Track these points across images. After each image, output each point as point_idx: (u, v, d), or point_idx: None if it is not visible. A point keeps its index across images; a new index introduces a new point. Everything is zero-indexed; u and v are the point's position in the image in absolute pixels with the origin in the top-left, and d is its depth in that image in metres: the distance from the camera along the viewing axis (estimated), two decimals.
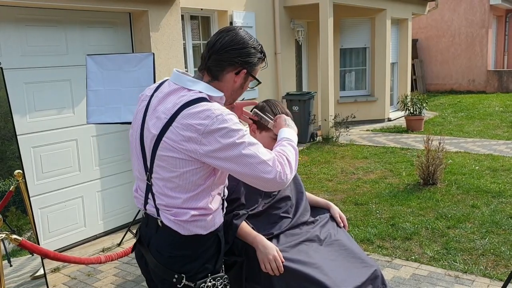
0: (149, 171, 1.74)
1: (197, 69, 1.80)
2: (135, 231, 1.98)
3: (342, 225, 2.42)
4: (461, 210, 4.97)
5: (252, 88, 1.88)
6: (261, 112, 2.16)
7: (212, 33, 7.57)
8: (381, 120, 11.05)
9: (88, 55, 4.14)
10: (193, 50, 7.22)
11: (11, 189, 3.29)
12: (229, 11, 7.57)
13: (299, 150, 8.22)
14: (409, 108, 9.82)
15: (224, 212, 1.95)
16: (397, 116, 11.45)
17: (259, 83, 1.86)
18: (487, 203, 5.15)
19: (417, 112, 9.74)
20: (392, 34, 11.50)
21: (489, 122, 10.34)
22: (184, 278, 1.73)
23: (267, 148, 1.78)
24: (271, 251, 1.98)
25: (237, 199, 2.15)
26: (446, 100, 14.35)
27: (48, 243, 4.38)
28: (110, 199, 4.95)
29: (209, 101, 1.66)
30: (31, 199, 3.79)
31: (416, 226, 4.60)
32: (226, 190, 1.95)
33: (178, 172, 1.66)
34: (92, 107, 4.13)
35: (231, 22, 7.58)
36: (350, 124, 9.39)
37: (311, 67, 10.60)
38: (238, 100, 2.03)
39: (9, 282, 3.23)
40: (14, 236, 2.82)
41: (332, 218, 2.42)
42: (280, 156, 1.71)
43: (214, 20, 7.58)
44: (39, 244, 3.51)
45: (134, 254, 2.01)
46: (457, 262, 3.83)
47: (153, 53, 4.16)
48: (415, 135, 9.31)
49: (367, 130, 10.19)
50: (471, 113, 11.63)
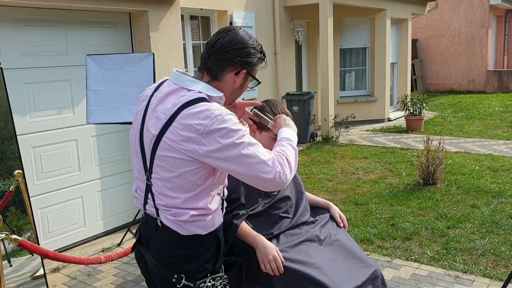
0: (149, 171, 1.74)
1: (197, 69, 1.80)
2: (135, 231, 1.98)
3: (342, 225, 2.42)
4: (461, 210, 4.97)
5: (252, 88, 1.88)
6: (261, 112, 2.16)
7: (212, 33, 7.55)
8: (381, 120, 11.05)
9: (88, 55, 4.14)
10: (193, 50, 7.22)
11: (11, 189, 3.29)
12: (229, 11, 7.57)
13: (299, 150, 8.21)
14: (409, 108, 9.82)
15: (224, 212, 1.94)
16: (397, 116, 11.45)
17: (259, 83, 1.86)
18: (487, 203, 5.15)
19: (417, 112, 9.74)
20: (392, 34, 11.50)
21: (489, 122, 10.34)
22: (184, 278, 1.73)
23: (267, 148, 1.77)
24: (271, 251, 1.98)
25: (237, 199, 2.15)
26: (446, 100, 14.35)
27: (48, 243, 4.38)
28: (110, 199, 4.95)
29: (209, 101, 1.66)
30: (31, 199, 3.79)
31: (416, 226, 4.60)
32: (226, 190, 1.95)
33: (178, 172, 1.66)
34: (92, 107, 4.13)
35: (231, 22, 7.58)
36: (350, 124, 9.38)
37: (311, 67, 10.60)
38: (238, 100, 2.04)
39: (9, 282, 3.23)
40: (14, 236, 2.82)
41: (332, 218, 2.42)
42: (280, 156, 1.71)
43: (214, 20, 7.58)
44: (39, 244, 3.51)
45: (134, 254, 2.01)
46: (457, 262, 3.83)
47: (153, 53, 4.16)
48: (415, 135, 9.31)
49: (367, 130, 10.19)
50: (471, 113, 11.63)
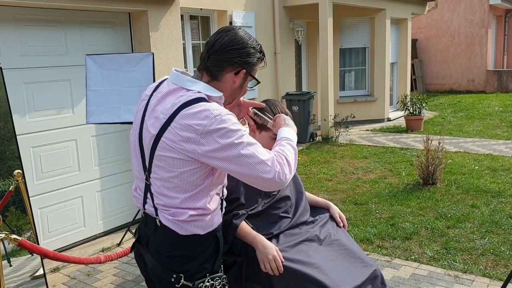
0: (148, 171, 1.74)
1: (196, 69, 1.80)
2: (135, 231, 1.98)
3: (342, 225, 2.42)
4: (461, 210, 4.97)
5: (252, 88, 1.87)
6: (261, 112, 2.16)
7: (212, 33, 7.55)
8: (381, 120, 11.05)
9: (88, 55, 4.14)
10: (193, 50, 7.22)
11: (11, 189, 3.29)
12: (229, 11, 7.57)
13: (299, 150, 8.22)
14: (409, 108, 9.82)
15: (224, 212, 1.95)
16: (397, 116, 11.44)
17: (258, 83, 1.86)
18: (487, 203, 5.15)
19: (417, 112, 9.74)
20: (392, 34, 11.50)
21: (489, 122, 10.34)
22: (183, 278, 1.73)
23: (267, 148, 1.77)
24: (271, 251, 1.98)
25: (237, 199, 2.15)
26: (446, 100, 14.35)
27: (48, 243, 4.38)
28: (110, 199, 4.95)
29: (208, 101, 1.66)
30: (31, 199, 3.79)
31: (416, 226, 4.60)
32: (225, 190, 1.95)
33: (177, 172, 1.66)
34: (92, 107, 4.13)
35: (231, 22, 7.58)
36: (350, 124, 9.38)
37: (311, 67, 10.60)
38: (243, 99, 2.04)
39: (9, 282, 3.23)
40: (14, 236, 2.82)
41: (332, 218, 2.42)
42: (279, 156, 1.71)
43: (214, 20, 7.58)
44: (39, 244, 3.51)
45: (133, 254, 2.01)
46: (457, 262, 3.83)
47: (153, 53, 4.16)
48: (415, 135, 9.31)
49: (367, 130, 10.19)
50: (471, 113, 11.63)
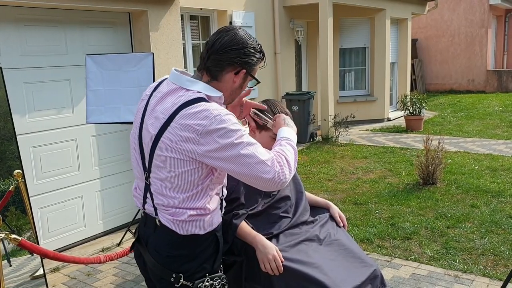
0: (148, 171, 1.74)
1: (196, 69, 1.80)
2: (134, 231, 1.98)
3: (342, 225, 2.42)
4: (461, 210, 4.97)
5: (251, 88, 1.87)
6: (260, 112, 2.16)
7: (212, 33, 7.56)
8: (381, 120, 11.05)
9: (88, 55, 4.14)
10: (193, 50, 7.22)
11: (11, 189, 3.29)
12: (229, 11, 7.57)
13: (299, 150, 8.22)
14: (409, 108, 9.82)
15: (224, 212, 1.95)
16: (397, 116, 11.44)
17: (258, 83, 1.86)
18: (487, 203, 5.15)
19: (417, 112, 9.74)
20: (392, 34, 11.50)
21: (489, 122, 10.34)
22: (182, 278, 1.73)
23: (267, 148, 1.77)
24: (271, 251, 1.98)
25: (237, 199, 2.15)
26: (446, 100, 14.35)
27: (48, 243, 4.38)
28: (110, 199, 4.95)
29: (208, 101, 1.66)
30: (31, 199, 3.79)
31: (416, 226, 4.60)
32: (225, 190, 1.95)
33: (176, 172, 1.66)
34: (92, 107, 4.13)
35: (231, 22, 7.58)
36: (350, 124, 9.38)
37: (311, 67, 10.60)
38: (245, 99, 2.04)
39: (9, 282, 3.23)
40: (14, 236, 2.82)
41: (332, 218, 2.42)
42: (279, 156, 1.71)
43: (214, 20, 7.58)
44: (39, 244, 3.51)
45: (133, 254, 2.01)
46: (457, 262, 3.83)
47: (153, 53, 4.16)
48: (415, 135, 9.31)
49: (367, 130, 10.19)
50: (471, 113, 11.63)
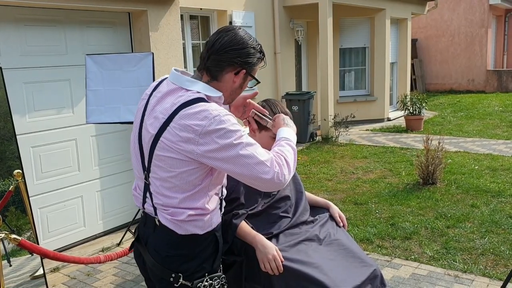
0: (147, 170, 1.74)
1: (196, 69, 1.79)
2: (134, 230, 1.98)
3: (342, 225, 2.42)
4: (461, 210, 4.97)
5: (251, 88, 1.87)
6: (260, 113, 2.16)
7: (212, 33, 7.55)
8: (381, 120, 11.05)
9: (88, 55, 4.14)
10: (193, 50, 7.22)
11: (11, 189, 3.29)
12: (229, 11, 7.57)
13: (299, 150, 8.22)
14: (409, 108, 9.82)
15: (223, 212, 1.95)
16: (397, 116, 11.44)
17: (258, 83, 1.86)
18: (487, 203, 5.15)
19: (417, 112, 9.74)
20: (392, 34, 11.50)
21: (489, 122, 10.34)
22: (181, 278, 1.73)
23: (267, 148, 1.77)
24: (271, 251, 1.98)
25: (237, 199, 2.15)
26: (446, 100, 14.35)
27: (48, 243, 4.38)
28: (110, 199, 4.95)
29: (207, 102, 1.65)
30: (31, 199, 3.79)
31: (416, 226, 4.60)
32: (225, 190, 1.95)
33: (175, 172, 1.66)
34: (92, 107, 4.13)
35: (231, 22, 7.58)
36: (350, 124, 9.38)
37: (311, 67, 10.59)
38: (250, 100, 2.04)
39: (9, 282, 3.23)
40: (14, 236, 2.82)
41: (332, 218, 2.42)
42: (278, 157, 1.71)
43: (214, 20, 7.58)
44: (39, 244, 3.51)
45: (133, 253, 2.01)
46: (457, 262, 3.83)
47: (153, 53, 4.15)
48: (415, 135, 9.31)
49: (367, 130, 10.19)
50: (471, 113, 11.63)
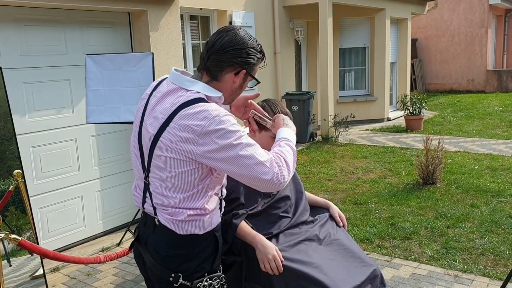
0: (147, 170, 1.74)
1: (196, 69, 1.79)
2: (134, 230, 1.99)
3: (342, 225, 2.42)
4: (461, 210, 4.97)
5: (251, 88, 1.87)
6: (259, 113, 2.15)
7: (212, 33, 7.55)
8: (381, 120, 11.05)
9: (88, 55, 4.14)
10: (193, 50, 7.22)
11: (11, 189, 3.29)
12: (229, 11, 7.57)
13: (299, 150, 8.22)
14: (409, 108, 9.82)
15: (223, 212, 1.95)
16: (397, 116, 11.44)
17: (258, 83, 1.86)
18: (487, 203, 5.15)
19: (417, 112, 9.74)
20: (392, 34, 11.50)
21: (489, 122, 10.34)
22: (181, 277, 1.73)
23: (267, 147, 1.77)
24: (271, 251, 1.98)
25: (237, 199, 2.15)
26: (446, 100, 14.35)
27: (48, 243, 4.38)
28: (110, 199, 4.95)
29: (207, 102, 1.65)
30: (31, 199, 3.79)
31: (416, 226, 4.60)
32: (225, 190, 1.95)
33: (175, 172, 1.66)
34: (92, 107, 4.13)
35: (231, 22, 7.58)
36: (350, 124, 9.38)
37: (311, 67, 10.59)
38: (251, 101, 2.04)
39: (9, 282, 3.23)
40: (14, 236, 2.82)
41: (332, 218, 2.42)
42: (278, 157, 1.71)
43: (214, 20, 7.58)
44: (39, 244, 3.51)
45: (133, 253, 2.01)
46: (457, 262, 3.83)
47: (152, 53, 4.15)
48: (415, 135, 9.31)
49: (367, 130, 10.19)
50: (471, 113, 11.63)
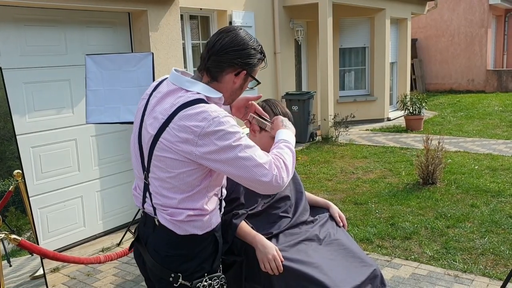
0: (147, 170, 1.74)
1: (197, 69, 1.79)
2: (134, 230, 1.99)
3: (342, 225, 2.42)
4: (461, 210, 4.97)
5: (251, 88, 1.87)
6: (259, 115, 2.15)
7: (212, 33, 7.57)
8: (381, 120, 11.05)
9: (88, 55, 4.14)
10: (193, 50, 7.22)
11: (11, 189, 3.29)
12: (229, 11, 7.57)
13: (299, 150, 8.22)
14: (409, 108, 9.82)
15: (223, 212, 1.95)
16: (397, 116, 11.44)
17: (258, 83, 1.85)
18: (487, 203, 5.15)
19: (417, 112, 9.74)
20: (392, 34, 11.50)
21: (489, 122, 10.34)
22: (181, 277, 1.73)
23: (268, 148, 1.77)
24: (271, 251, 1.98)
25: (237, 199, 2.15)
26: (446, 100, 14.35)
27: (48, 243, 4.38)
28: (110, 199, 4.95)
29: (207, 103, 1.65)
30: (31, 199, 3.79)
31: (416, 226, 4.60)
32: (225, 191, 1.95)
33: (174, 173, 1.66)
34: (91, 107, 4.13)
35: (231, 22, 7.58)
36: (350, 124, 9.38)
37: (311, 67, 10.59)
38: (252, 102, 2.04)
39: (9, 282, 3.23)
40: (14, 236, 2.82)
41: (332, 218, 2.42)
42: (277, 159, 1.70)
43: (214, 20, 7.58)
44: (39, 244, 3.51)
45: (133, 253, 2.01)
46: (457, 262, 3.84)
47: (152, 53, 4.15)
48: (415, 135, 9.31)
49: (367, 130, 10.19)
50: (471, 113, 11.63)
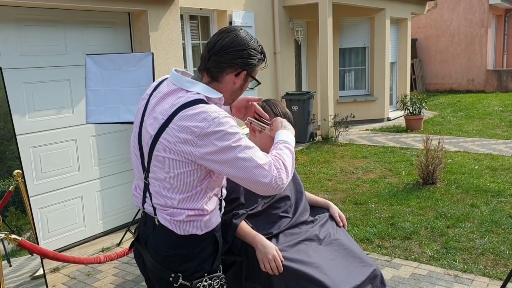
0: (147, 170, 1.74)
1: (197, 69, 1.79)
2: (134, 230, 1.99)
3: (342, 225, 2.42)
4: (461, 210, 4.97)
5: (252, 89, 1.87)
6: (257, 118, 2.14)
7: (212, 33, 7.57)
8: (381, 120, 11.05)
9: (87, 55, 4.14)
10: (193, 50, 7.22)
11: (11, 189, 3.29)
12: (229, 11, 7.57)
13: (299, 150, 8.23)
14: (409, 108, 9.82)
15: (223, 212, 1.95)
16: (397, 116, 11.44)
17: (259, 84, 1.85)
18: (487, 203, 5.15)
19: (417, 112, 9.74)
20: (392, 34, 11.50)
21: (489, 122, 10.34)
22: (181, 277, 1.73)
23: (268, 148, 1.77)
24: (271, 251, 1.98)
25: (237, 199, 2.15)
26: (446, 100, 14.36)
27: (48, 243, 4.38)
28: (110, 199, 4.95)
29: (207, 103, 1.65)
30: (31, 199, 3.79)
31: (416, 226, 4.60)
32: (225, 191, 1.95)
33: (174, 173, 1.66)
34: (91, 107, 4.13)
35: (231, 22, 7.58)
36: (350, 124, 9.38)
37: (311, 67, 10.60)
38: (253, 102, 2.04)
39: (9, 282, 3.23)
40: (14, 236, 2.82)
41: (332, 218, 2.42)
42: (277, 161, 1.70)
43: (214, 20, 7.58)
44: (39, 244, 3.51)
45: (133, 253, 2.01)
46: (457, 262, 3.84)
47: (152, 53, 4.15)
48: (415, 135, 9.31)
49: (367, 130, 10.19)
50: (471, 113, 11.63)
